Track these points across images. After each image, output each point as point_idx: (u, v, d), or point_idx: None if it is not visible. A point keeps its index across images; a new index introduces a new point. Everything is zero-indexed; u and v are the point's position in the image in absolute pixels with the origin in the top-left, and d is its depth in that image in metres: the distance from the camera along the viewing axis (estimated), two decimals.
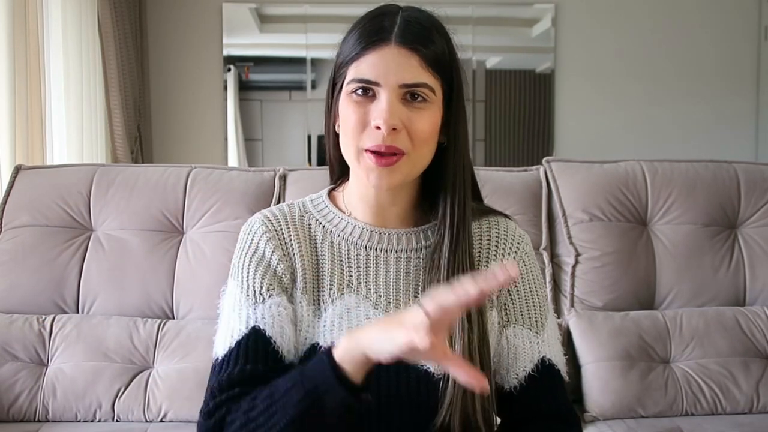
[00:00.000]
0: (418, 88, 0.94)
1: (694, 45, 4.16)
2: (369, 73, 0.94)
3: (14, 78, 2.37)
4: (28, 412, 1.71)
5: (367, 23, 0.98)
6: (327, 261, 1.03)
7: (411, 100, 0.95)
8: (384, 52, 0.94)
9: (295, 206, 1.08)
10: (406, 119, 0.94)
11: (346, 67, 0.97)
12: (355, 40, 0.96)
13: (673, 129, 4.19)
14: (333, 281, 1.02)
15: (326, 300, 1.01)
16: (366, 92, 0.95)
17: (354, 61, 0.95)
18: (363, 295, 1.02)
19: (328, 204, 1.08)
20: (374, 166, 0.95)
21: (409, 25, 0.96)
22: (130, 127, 3.59)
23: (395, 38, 0.94)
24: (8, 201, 1.92)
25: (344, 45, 0.99)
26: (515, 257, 1.06)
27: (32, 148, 2.55)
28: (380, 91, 0.94)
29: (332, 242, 1.04)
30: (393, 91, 0.93)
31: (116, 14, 3.39)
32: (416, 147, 0.96)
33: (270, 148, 4.18)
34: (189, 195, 1.91)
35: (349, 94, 0.96)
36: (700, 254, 1.91)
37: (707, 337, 1.81)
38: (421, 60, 0.94)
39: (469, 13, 4.03)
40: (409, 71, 0.94)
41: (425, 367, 0.97)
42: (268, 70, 4.21)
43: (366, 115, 0.95)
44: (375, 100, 0.95)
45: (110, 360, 1.75)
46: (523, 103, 4.21)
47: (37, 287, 1.84)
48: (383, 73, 0.93)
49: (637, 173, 1.97)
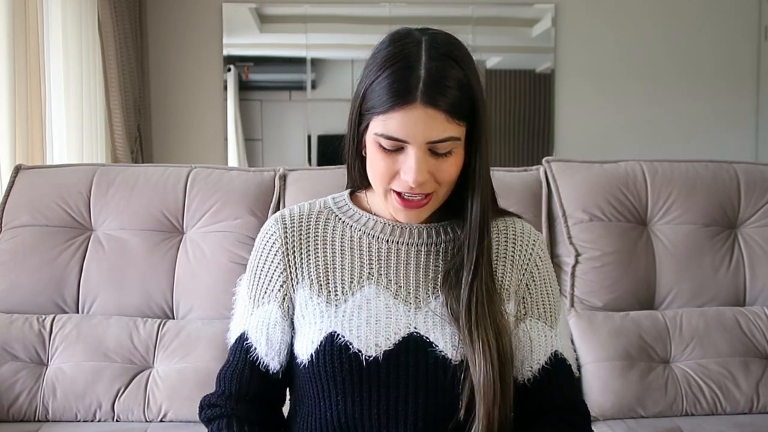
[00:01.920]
0: (445, 143, 0.98)
1: (694, 45, 4.16)
2: (397, 132, 0.97)
3: (14, 78, 2.37)
4: (28, 412, 1.71)
5: (394, 73, 0.98)
6: (347, 255, 1.09)
7: (437, 152, 0.99)
8: (411, 114, 0.96)
9: (316, 204, 1.14)
10: (434, 168, 0.99)
11: (372, 115, 1.00)
12: (382, 93, 0.98)
13: (673, 129, 4.19)
14: (353, 274, 1.08)
15: (346, 292, 1.07)
16: (394, 147, 0.99)
17: (381, 114, 0.98)
18: (383, 285, 1.06)
19: (350, 203, 1.14)
20: (401, 208, 1.02)
21: (433, 78, 0.97)
22: (130, 127, 3.59)
23: (421, 97, 0.96)
24: (8, 201, 1.92)
25: (371, 92, 1.00)
26: (531, 255, 1.12)
27: (32, 148, 2.55)
28: (408, 147, 0.98)
29: (352, 236, 1.10)
30: (421, 148, 0.98)
31: (116, 14, 3.39)
32: (442, 186, 1.02)
33: (270, 148, 4.19)
34: (189, 195, 1.91)
35: (377, 142, 1.00)
36: (700, 254, 1.91)
37: (707, 337, 1.81)
38: (447, 115, 0.97)
39: (469, 13, 4.03)
40: (436, 129, 0.97)
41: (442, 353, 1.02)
42: (268, 70, 4.21)
43: (394, 165, 1.00)
44: (403, 153, 0.99)
45: (110, 360, 1.75)
46: (523, 103, 4.21)
47: (37, 287, 1.84)
48: (411, 133, 0.97)
49: (637, 173, 1.97)
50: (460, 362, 1.01)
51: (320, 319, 1.06)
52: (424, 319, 1.05)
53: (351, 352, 1.02)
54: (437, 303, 1.06)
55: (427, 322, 1.05)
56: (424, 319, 1.05)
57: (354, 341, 1.02)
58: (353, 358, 1.02)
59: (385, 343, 1.02)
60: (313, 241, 1.10)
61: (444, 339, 1.03)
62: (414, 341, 1.03)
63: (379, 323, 1.04)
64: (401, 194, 1.01)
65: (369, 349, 1.02)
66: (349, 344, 1.02)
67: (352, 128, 1.06)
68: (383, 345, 1.02)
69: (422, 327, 1.04)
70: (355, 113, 1.04)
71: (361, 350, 1.02)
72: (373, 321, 1.04)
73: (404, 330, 1.04)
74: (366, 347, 1.02)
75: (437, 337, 1.03)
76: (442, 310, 1.05)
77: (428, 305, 1.06)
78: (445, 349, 1.02)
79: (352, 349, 1.02)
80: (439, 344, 1.03)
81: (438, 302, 1.06)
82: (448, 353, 1.02)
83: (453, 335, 1.03)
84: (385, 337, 1.03)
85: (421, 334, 1.03)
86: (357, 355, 1.02)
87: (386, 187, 1.02)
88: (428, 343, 1.03)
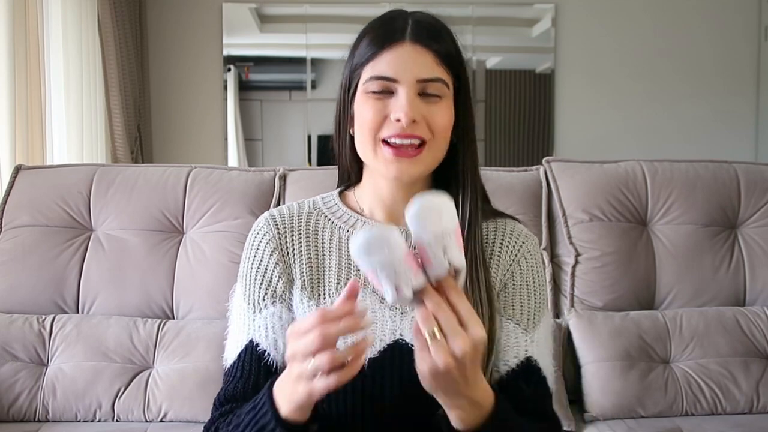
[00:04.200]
0: (434, 82, 0.98)
1: (694, 45, 4.16)
2: (387, 71, 0.98)
3: (14, 78, 2.37)
4: (28, 412, 1.71)
5: (379, 27, 1.02)
6: (334, 257, 1.06)
7: (426, 95, 0.99)
8: (400, 50, 0.98)
9: (304, 204, 1.11)
10: (426, 112, 0.98)
11: (361, 68, 1.00)
12: (368, 43, 1.01)
13: (673, 129, 4.19)
14: (340, 277, 1.04)
15: (332, 295, 1.04)
16: (383, 90, 0.99)
17: (370, 61, 0.99)
18: (370, 289, 1.03)
19: (338, 202, 1.11)
20: (393, 158, 0.98)
21: (421, 25, 1.00)
22: (130, 127, 3.59)
23: (409, 36, 0.98)
24: (8, 201, 1.92)
25: (356, 50, 1.02)
26: (517, 255, 1.07)
27: (32, 148, 2.55)
28: (398, 87, 0.98)
29: (340, 238, 1.07)
30: (411, 86, 0.97)
31: (116, 14, 3.39)
32: (436, 137, 0.99)
33: (270, 148, 4.18)
34: (189, 195, 1.91)
35: (367, 93, 0.99)
36: (700, 254, 1.91)
37: (707, 337, 1.81)
38: (435, 56, 0.98)
39: (469, 13, 4.03)
40: (425, 67, 0.98)
41: None
42: (268, 70, 4.21)
43: (385, 109, 0.98)
44: (393, 97, 0.98)
45: (110, 360, 1.75)
46: (523, 103, 4.21)
47: (37, 287, 1.84)
48: (401, 69, 0.97)
49: (637, 173, 1.97)
50: None
51: None
52: (410, 326, 1.01)
53: None
54: None
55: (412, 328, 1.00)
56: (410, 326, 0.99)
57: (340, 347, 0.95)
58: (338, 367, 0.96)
59: (370, 351, 0.99)
60: (305, 242, 1.07)
61: None
62: (399, 349, 1.00)
63: None
64: (392, 144, 0.98)
65: None
66: None
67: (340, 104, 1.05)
68: (368, 352, 0.98)
69: (408, 334, 1.01)
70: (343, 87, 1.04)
71: None
72: None
73: (389, 337, 1.01)
74: None
75: None
76: None
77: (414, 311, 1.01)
78: None
79: None
80: None
81: None
82: None
83: None
84: None
85: (406, 341, 1.01)
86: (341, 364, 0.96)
87: (375, 138, 0.99)
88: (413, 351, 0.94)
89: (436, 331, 0.81)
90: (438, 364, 0.80)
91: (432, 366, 0.81)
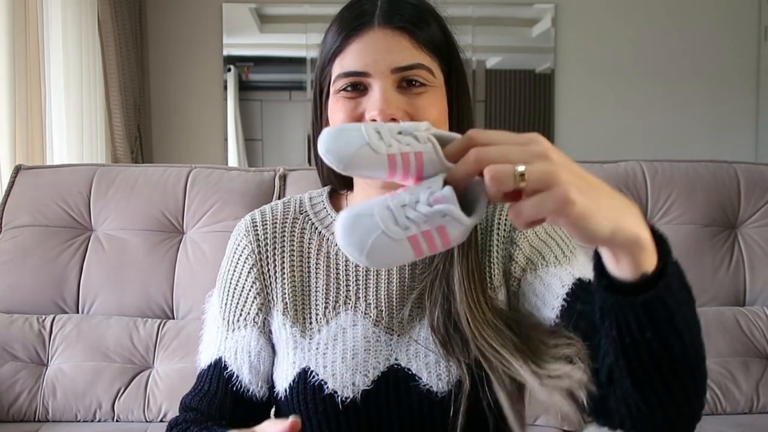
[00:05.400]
0: (413, 70, 0.83)
1: (694, 45, 4.16)
2: (355, 64, 0.83)
3: (14, 78, 2.37)
4: (28, 412, 1.71)
5: (345, 11, 0.87)
6: (321, 276, 0.94)
7: (408, 86, 0.84)
8: (368, 37, 0.83)
9: (291, 205, 0.99)
10: (408, 107, 0.83)
11: (330, 65, 0.86)
12: (334, 32, 0.86)
13: (673, 129, 4.19)
14: (328, 299, 0.93)
15: (320, 320, 0.92)
16: (356, 87, 0.84)
17: (337, 55, 0.85)
18: (361, 311, 0.92)
19: (327, 206, 0.98)
20: None
21: (394, 3, 0.85)
22: (130, 127, 3.59)
23: (378, 19, 0.83)
24: (8, 201, 1.92)
25: (324, 42, 0.88)
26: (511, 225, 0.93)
27: (32, 148, 2.55)
28: (371, 82, 0.83)
29: (328, 252, 0.95)
30: (385, 78, 0.82)
31: (116, 14, 3.39)
32: None
33: (270, 148, 4.18)
34: (189, 195, 1.91)
35: (338, 92, 0.85)
36: (700, 254, 1.91)
37: (707, 337, 1.79)
38: (413, 39, 0.83)
39: (469, 13, 4.03)
40: (400, 52, 0.83)
41: (426, 386, 0.88)
42: (268, 70, 4.21)
43: (357, 108, 0.84)
44: (367, 94, 0.84)
45: (110, 360, 1.75)
46: (523, 103, 4.21)
47: (37, 287, 1.84)
48: (371, 60, 0.82)
49: (637, 173, 1.97)
50: (447, 393, 0.87)
51: (293, 351, 0.92)
52: (406, 348, 0.90)
53: (326, 393, 0.88)
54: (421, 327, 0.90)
55: (409, 350, 0.89)
56: (407, 348, 0.90)
57: (329, 380, 0.89)
58: (328, 400, 0.88)
59: (363, 381, 0.88)
60: (288, 257, 0.94)
61: (428, 369, 0.88)
62: (395, 376, 0.89)
63: (356, 358, 0.89)
64: None
65: (345, 390, 0.88)
66: (323, 384, 0.89)
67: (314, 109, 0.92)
68: (360, 384, 0.88)
69: (404, 357, 0.89)
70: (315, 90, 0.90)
71: (337, 391, 0.88)
72: (349, 356, 0.89)
73: (383, 363, 0.89)
74: (342, 387, 0.88)
75: (420, 368, 0.88)
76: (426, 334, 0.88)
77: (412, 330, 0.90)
78: (429, 382, 0.87)
79: (327, 390, 0.88)
80: (423, 376, 0.88)
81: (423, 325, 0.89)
82: (432, 386, 0.87)
83: (437, 363, 0.88)
84: (362, 374, 0.89)
85: (402, 366, 0.89)
86: (332, 397, 0.88)
87: None
88: (410, 377, 0.88)
89: (517, 169, 0.57)
90: (560, 192, 0.57)
91: (562, 196, 0.57)
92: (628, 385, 0.68)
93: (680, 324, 0.65)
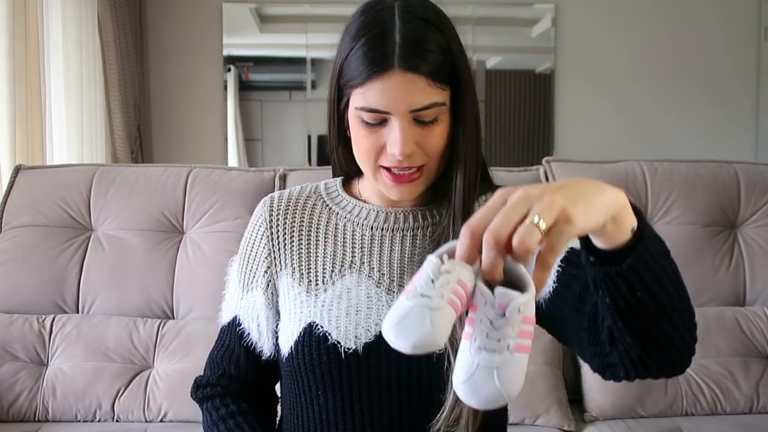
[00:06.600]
0: (429, 109, 0.93)
1: (694, 45, 4.16)
2: (378, 103, 0.93)
3: (14, 78, 2.37)
4: (28, 412, 1.71)
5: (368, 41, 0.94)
6: (330, 243, 1.05)
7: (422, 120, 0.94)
8: (390, 81, 0.92)
9: (307, 188, 1.12)
10: (420, 139, 0.94)
11: (350, 89, 0.95)
12: (357, 64, 0.94)
13: (673, 129, 4.19)
14: (335, 263, 1.04)
15: (326, 281, 1.03)
16: (376, 121, 0.95)
17: (359, 86, 0.94)
18: (366, 274, 1.02)
19: (340, 190, 1.10)
20: (393, 184, 0.97)
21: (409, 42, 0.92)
22: (130, 127, 3.59)
23: (398, 62, 0.91)
24: (8, 201, 1.92)
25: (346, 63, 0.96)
26: None
27: (32, 148, 2.54)
28: (391, 118, 0.93)
29: (336, 224, 1.07)
30: (404, 117, 0.93)
31: (116, 14, 3.39)
32: (432, 159, 0.97)
33: (270, 148, 4.18)
34: (189, 195, 1.91)
35: (360, 119, 0.96)
36: (700, 254, 1.91)
37: (707, 337, 1.81)
38: (428, 79, 0.92)
39: (469, 13, 4.03)
40: (417, 95, 0.92)
41: None
42: (268, 70, 4.21)
43: (379, 139, 0.95)
44: (387, 126, 0.94)
45: (110, 360, 1.75)
46: (523, 103, 4.21)
47: (37, 287, 1.84)
48: (392, 102, 0.92)
49: (637, 173, 1.97)
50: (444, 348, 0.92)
51: (300, 308, 1.02)
52: None
53: (329, 343, 0.98)
54: None
55: None
56: None
57: (333, 332, 0.98)
58: (332, 350, 0.98)
59: (366, 335, 0.98)
60: (298, 227, 1.07)
61: None
62: None
63: (360, 314, 1.00)
64: (390, 170, 0.96)
65: (348, 341, 0.98)
66: (327, 335, 0.98)
67: (332, 107, 1.02)
68: (363, 337, 0.98)
69: None
70: (334, 90, 1.00)
71: (340, 341, 0.98)
72: (353, 312, 1.00)
73: None
74: (345, 339, 0.98)
75: None
76: None
77: None
78: None
79: (331, 340, 0.98)
80: None
81: None
82: None
83: None
84: (365, 328, 0.99)
85: None
86: (335, 347, 0.98)
87: (374, 165, 0.97)
88: None
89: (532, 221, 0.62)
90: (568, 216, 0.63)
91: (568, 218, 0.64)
92: (629, 341, 0.78)
93: (664, 276, 0.76)
